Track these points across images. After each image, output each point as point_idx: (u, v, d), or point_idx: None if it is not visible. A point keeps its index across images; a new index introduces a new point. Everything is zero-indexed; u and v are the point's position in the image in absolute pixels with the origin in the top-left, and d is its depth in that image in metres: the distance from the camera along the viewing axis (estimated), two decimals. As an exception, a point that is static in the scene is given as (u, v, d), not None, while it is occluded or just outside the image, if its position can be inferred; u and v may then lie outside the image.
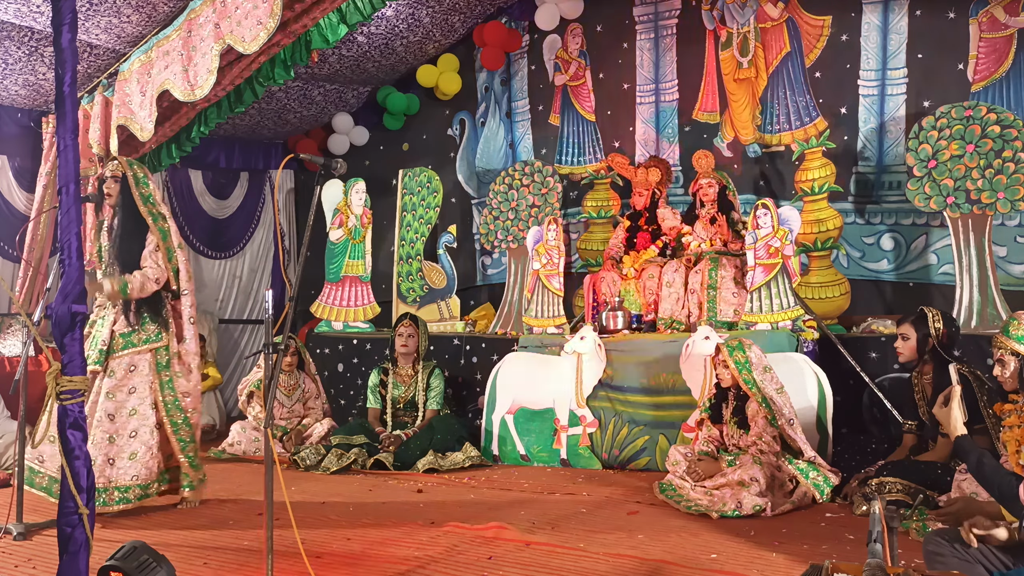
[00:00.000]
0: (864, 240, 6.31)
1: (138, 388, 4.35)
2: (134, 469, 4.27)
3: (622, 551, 3.48)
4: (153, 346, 4.39)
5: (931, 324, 4.33)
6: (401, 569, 3.28)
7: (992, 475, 2.56)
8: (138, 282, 4.29)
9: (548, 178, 7.32)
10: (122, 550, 2.77)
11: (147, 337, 4.39)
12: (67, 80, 2.64)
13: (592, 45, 7.71)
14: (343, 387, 7.37)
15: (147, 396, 4.35)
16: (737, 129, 6.87)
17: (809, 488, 4.34)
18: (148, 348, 4.38)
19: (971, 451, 2.63)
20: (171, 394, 4.41)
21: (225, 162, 8.97)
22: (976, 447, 2.65)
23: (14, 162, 7.50)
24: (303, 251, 3.21)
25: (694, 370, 5.32)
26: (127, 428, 4.30)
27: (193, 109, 6.15)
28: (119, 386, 4.32)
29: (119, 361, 4.33)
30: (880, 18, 6.31)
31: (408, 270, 7.89)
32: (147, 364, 4.37)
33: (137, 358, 4.35)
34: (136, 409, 4.33)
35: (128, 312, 4.37)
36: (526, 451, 5.81)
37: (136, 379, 4.35)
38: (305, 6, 5.06)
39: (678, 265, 6.05)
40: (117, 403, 4.30)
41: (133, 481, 4.26)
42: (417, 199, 7.99)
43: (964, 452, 2.66)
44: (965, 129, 5.57)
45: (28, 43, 6.25)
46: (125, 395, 4.33)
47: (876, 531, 2.02)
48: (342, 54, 7.58)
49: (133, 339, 4.37)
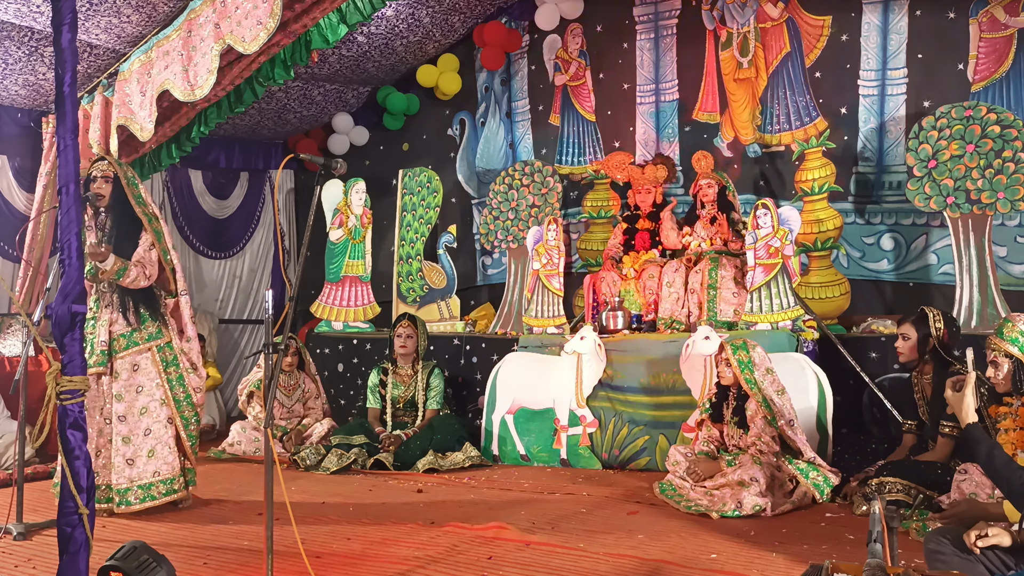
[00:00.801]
0: (864, 240, 6.31)
1: (145, 386, 4.36)
2: (154, 466, 4.31)
3: (622, 551, 3.48)
4: (155, 343, 4.41)
5: (932, 324, 4.33)
6: (401, 569, 3.28)
7: (1003, 469, 2.49)
8: (135, 272, 4.29)
9: (548, 178, 7.33)
10: (122, 550, 2.78)
11: (149, 335, 4.41)
12: (67, 80, 2.64)
13: (592, 45, 7.71)
14: (343, 387, 7.37)
15: (155, 393, 4.37)
16: (737, 129, 6.87)
17: (809, 488, 4.34)
18: (149, 346, 4.39)
19: (982, 440, 2.55)
20: (183, 390, 4.44)
21: (225, 162, 8.97)
22: (987, 437, 2.58)
23: (14, 162, 7.50)
24: (303, 251, 3.21)
25: (694, 370, 5.32)
26: (140, 427, 4.32)
27: (193, 109, 6.15)
28: (127, 387, 4.34)
29: (122, 362, 4.35)
30: (880, 18, 6.31)
31: (408, 270, 7.88)
32: (150, 362, 4.38)
33: (139, 357, 4.37)
34: (146, 407, 4.34)
35: (127, 312, 4.37)
36: (526, 451, 5.81)
37: (141, 377, 4.36)
38: (305, 6, 5.06)
39: (678, 265, 6.05)
40: (127, 404, 4.32)
41: (155, 478, 4.30)
42: (417, 199, 7.99)
43: (975, 441, 2.57)
44: (965, 129, 5.57)
45: (28, 43, 6.25)
46: (134, 395, 4.34)
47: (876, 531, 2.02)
48: (342, 54, 7.58)
49: (135, 338, 4.38)
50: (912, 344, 4.39)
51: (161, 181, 8.56)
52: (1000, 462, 2.51)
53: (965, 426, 2.62)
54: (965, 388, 2.64)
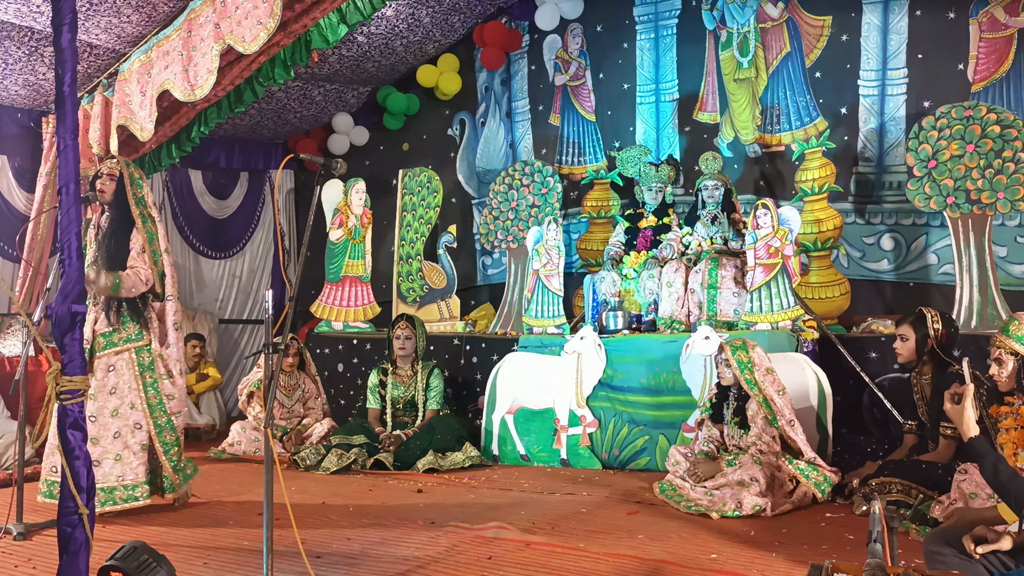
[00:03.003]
0: (864, 240, 6.31)
1: (118, 388, 4.25)
2: (118, 470, 4.20)
3: (622, 551, 3.48)
4: (133, 345, 4.29)
5: (930, 325, 4.33)
6: (401, 569, 3.28)
7: (1009, 482, 2.45)
8: (130, 281, 4.22)
9: (548, 178, 7.33)
10: (122, 550, 2.77)
11: (127, 336, 4.29)
12: (67, 80, 2.64)
13: (592, 45, 7.71)
14: (343, 387, 7.37)
15: (127, 396, 4.26)
16: (737, 129, 6.88)
17: (810, 487, 4.34)
18: (128, 347, 4.28)
19: (987, 454, 2.51)
20: (156, 395, 4.31)
21: (225, 162, 8.97)
22: (992, 450, 2.55)
23: (14, 162, 7.51)
24: (303, 251, 3.21)
25: (694, 370, 5.32)
26: (110, 430, 4.21)
27: (193, 109, 6.15)
28: (100, 387, 4.23)
29: (99, 361, 4.25)
30: (880, 18, 6.31)
31: (408, 270, 7.89)
32: (126, 364, 4.27)
33: (115, 358, 4.26)
34: (117, 410, 4.24)
35: (109, 311, 4.28)
36: (526, 451, 5.81)
37: (115, 379, 4.25)
38: (305, 6, 5.06)
39: (678, 265, 6.05)
40: (99, 405, 4.21)
41: (118, 482, 4.18)
42: (417, 199, 7.99)
43: (979, 455, 2.54)
44: (965, 129, 5.57)
45: (28, 43, 6.25)
46: (106, 396, 4.23)
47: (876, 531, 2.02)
48: (342, 54, 7.58)
49: (113, 338, 4.28)
50: (911, 345, 4.39)
51: (161, 181, 8.56)
52: (1006, 476, 2.46)
53: (968, 440, 2.58)
54: (964, 401, 2.60)
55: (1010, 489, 2.45)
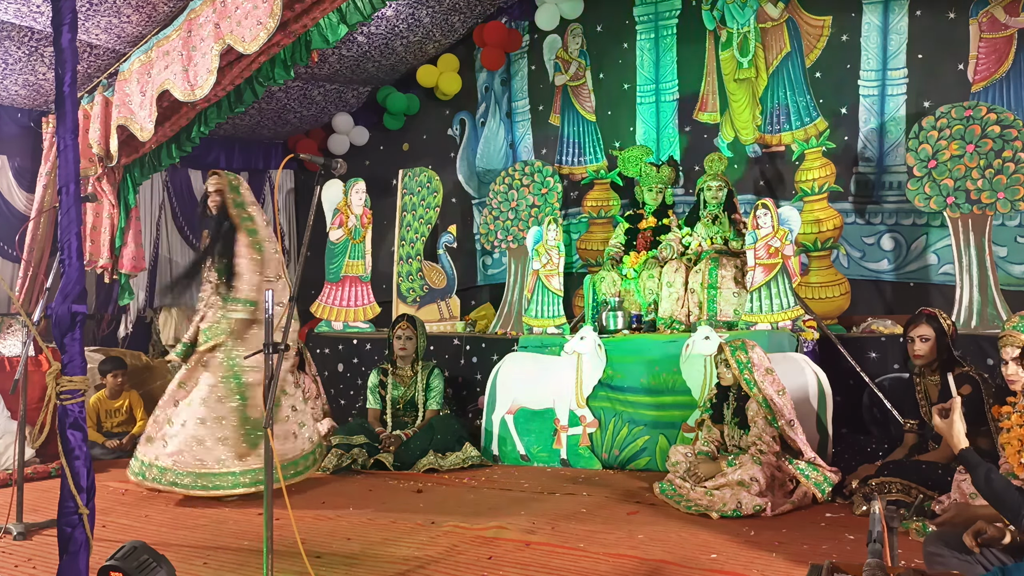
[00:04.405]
0: (864, 240, 6.31)
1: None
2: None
3: (622, 551, 3.48)
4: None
5: (943, 322, 4.35)
6: (401, 569, 3.28)
7: (1003, 492, 2.44)
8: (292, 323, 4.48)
9: (548, 178, 7.33)
10: (122, 550, 2.77)
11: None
12: (67, 80, 2.64)
13: (592, 45, 7.71)
14: (343, 387, 7.37)
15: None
16: (737, 129, 6.87)
17: (810, 487, 4.34)
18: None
19: (978, 465, 2.52)
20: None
21: (225, 162, 8.97)
22: (982, 461, 2.54)
23: (14, 162, 7.51)
24: (303, 251, 3.21)
25: (694, 370, 5.32)
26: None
27: (193, 109, 6.15)
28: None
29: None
30: (880, 18, 6.31)
31: (408, 270, 7.88)
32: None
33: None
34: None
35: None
36: (526, 451, 5.81)
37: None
38: (305, 6, 5.06)
39: (678, 265, 6.05)
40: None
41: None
42: (417, 199, 7.98)
43: (970, 466, 2.54)
44: (965, 129, 5.57)
45: (28, 43, 6.25)
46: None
47: (876, 531, 2.02)
48: (342, 54, 7.58)
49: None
50: (932, 343, 4.36)
51: (161, 181, 8.56)
52: (999, 486, 2.46)
53: (958, 452, 2.58)
54: (952, 414, 2.60)
55: (1004, 499, 2.44)
